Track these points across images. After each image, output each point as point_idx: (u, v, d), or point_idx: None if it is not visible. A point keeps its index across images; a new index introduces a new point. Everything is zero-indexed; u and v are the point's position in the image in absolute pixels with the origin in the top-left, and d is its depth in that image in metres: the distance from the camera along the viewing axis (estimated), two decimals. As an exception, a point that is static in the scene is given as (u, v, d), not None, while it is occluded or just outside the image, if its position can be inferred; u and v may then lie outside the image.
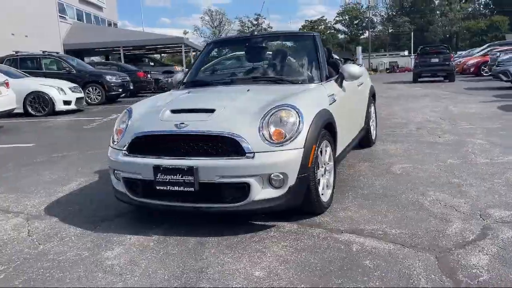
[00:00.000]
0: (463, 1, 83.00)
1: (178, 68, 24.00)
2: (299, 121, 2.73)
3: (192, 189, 2.67)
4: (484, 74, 18.69)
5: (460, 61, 21.77)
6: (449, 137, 5.50)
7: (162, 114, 2.96)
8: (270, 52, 3.80)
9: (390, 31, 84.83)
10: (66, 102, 11.08)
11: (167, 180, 2.72)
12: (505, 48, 18.56)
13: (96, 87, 13.79)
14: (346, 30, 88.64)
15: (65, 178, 4.47)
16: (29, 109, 10.86)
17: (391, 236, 2.60)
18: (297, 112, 2.77)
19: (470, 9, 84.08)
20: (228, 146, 2.67)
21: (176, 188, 2.71)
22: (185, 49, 23.02)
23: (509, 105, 8.35)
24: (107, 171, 4.65)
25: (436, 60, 16.80)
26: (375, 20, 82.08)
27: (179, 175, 2.68)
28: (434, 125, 6.64)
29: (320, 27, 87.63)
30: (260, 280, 2.16)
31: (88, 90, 13.60)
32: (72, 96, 11.25)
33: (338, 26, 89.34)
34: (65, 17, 26.99)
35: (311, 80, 3.45)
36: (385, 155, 4.71)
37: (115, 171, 3.09)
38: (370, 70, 56.14)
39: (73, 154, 5.76)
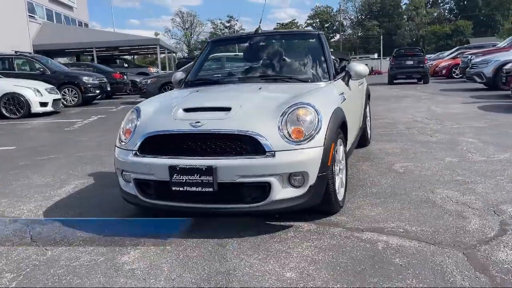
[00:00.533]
0: (429, 6, 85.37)
1: (152, 69, 23.64)
2: (318, 119, 2.69)
3: (211, 189, 2.59)
4: (456, 76, 19.24)
5: (432, 64, 22.33)
6: (440, 136, 5.58)
7: (175, 113, 2.86)
8: (275, 51, 3.75)
9: (359, 34, 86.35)
10: (43, 104, 10.70)
11: (184, 180, 2.63)
12: (474, 51, 19.12)
13: (73, 88, 13.39)
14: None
15: (58, 182, 4.29)
16: (3, 111, 10.42)
17: (413, 233, 2.59)
18: (315, 110, 2.73)
19: (435, 14, 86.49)
20: (248, 145, 2.60)
21: (193, 188, 2.62)
22: (160, 50, 22.68)
23: (488, 105, 8.58)
24: (101, 173, 4.56)
25: (411, 62, 17.17)
26: (345, 24, 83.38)
27: (197, 175, 2.60)
28: (422, 124, 6.75)
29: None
30: (293, 281, 2.10)
31: (64, 92, 13.18)
32: (49, 98, 10.88)
33: (310, 29, 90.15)
34: (34, 17, 26.19)
35: (320, 78, 3.42)
36: (383, 154, 4.74)
37: (124, 172, 2.97)
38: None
39: (60, 157, 5.55)
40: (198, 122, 2.70)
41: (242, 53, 4.13)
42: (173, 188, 2.67)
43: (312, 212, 2.90)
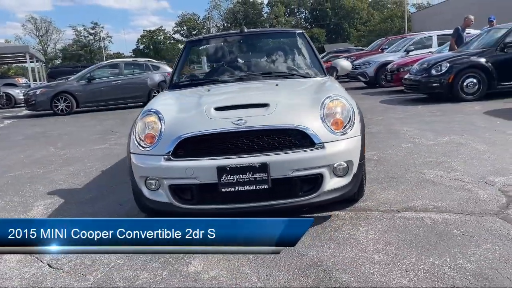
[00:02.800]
0: (287, 15, 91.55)
1: (20, 80, 21.25)
2: (352, 109, 2.83)
3: (265, 186, 2.55)
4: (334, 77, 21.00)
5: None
6: (375, 128, 6.12)
7: (208, 112, 2.74)
8: (268, 48, 3.78)
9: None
10: None
11: (235, 180, 2.54)
12: (346, 54, 21.07)
13: None
14: (186, 40, 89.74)
15: (19, 205, 3.72)
16: None
17: (443, 208, 2.87)
18: (347, 101, 2.86)
19: (293, 22, 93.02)
20: (296, 138, 2.62)
21: (246, 187, 2.55)
22: (30, 59, 20.49)
23: (388, 99, 9.60)
24: (61, 190, 4.05)
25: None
26: (212, 31, 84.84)
27: (250, 173, 2.53)
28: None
29: (159, 37, 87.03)
30: (388, 262, 2.20)
31: None
32: None
33: (177, 36, 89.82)
34: None
35: (318, 74, 3.56)
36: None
37: (149, 180, 2.74)
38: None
39: (-12, 178, 4.78)
40: (241, 119, 2.62)
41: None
42: (223, 190, 2.56)
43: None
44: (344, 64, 3.73)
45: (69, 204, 3.65)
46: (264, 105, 2.75)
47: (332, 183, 2.67)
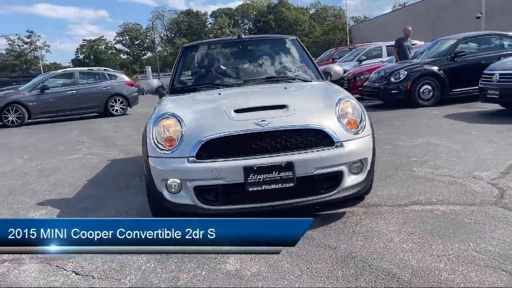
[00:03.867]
0: (232, 26, 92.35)
1: None
2: (362, 110, 3.00)
3: (291, 184, 2.64)
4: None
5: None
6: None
7: (229, 114, 2.79)
8: (266, 54, 3.89)
9: (171, 51, 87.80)
10: None
11: (261, 179, 2.61)
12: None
13: None
14: (128, 50, 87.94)
15: (12, 217, 3.55)
16: None
17: (446, 200, 3.10)
18: (357, 102, 3.03)
19: (237, 33, 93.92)
20: (317, 138, 2.74)
21: (272, 186, 2.63)
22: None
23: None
24: (52, 201, 3.89)
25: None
26: (156, 41, 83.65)
27: (276, 172, 2.62)
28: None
29: (100, 46, 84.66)
30: (417, 250, 2.36)
31: None
32: None
33: (119, 46, 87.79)
34: None
35: (316, 78, 3.71)
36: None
37: (170, 183, 2.75)
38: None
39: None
40: (264, 120, 2.71)
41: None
42: (250, 189, 2.62)
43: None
44: (337, 69, 3.91)
45: (67, 214, 3.53)
46: (282, 106, 2.85)
47: (350, 180, 2.81)
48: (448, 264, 2.16)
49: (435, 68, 8.76)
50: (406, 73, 8.74)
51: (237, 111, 2.83)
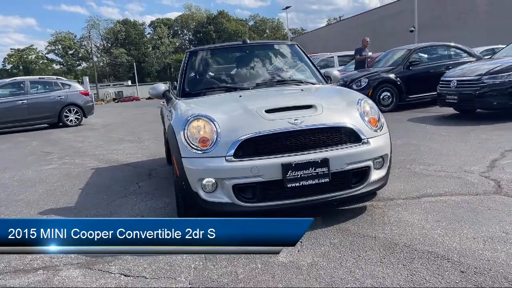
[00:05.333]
0: (171, 36, 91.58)
1: None
2: (378, 110, 3.21)
3: (327, 179, 2.77)
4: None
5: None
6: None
7: (261, 114, 2.88)
8: (268, 58, 4.01)
9: (107, 61, 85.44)
10: None
11: (299, 176, 2.73)
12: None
13: None
14: (61, 60, 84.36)
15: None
16: None
17: (452, 192, 3.37)
18: (373, 103, 3.23)
19: (177, 44, 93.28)
20: (346, 135, 2.90)
21: (309, 182, 2.75)
22: None
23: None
24: (53, 210, 3.77)
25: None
26: (93, 51, 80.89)
27: (312, 168, 2.74)
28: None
29: (30, 56, 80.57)
30: (452, 234, 2.57)
31: None
32: None
33: (52, 56, 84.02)
34: None
35: (322, 81, 3.89)
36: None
37: (206, 182, 2.78)
38: (99, 100, 55.36)
39: None
40: (297, 119, 2.83)
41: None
42: (288, 185, 2.72)
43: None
44: (336, 73, 4.12)
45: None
46: (310, 106, 2.99)
47: (375, 174, 2.99)
48: (487, 244, 2.38)
49: (393, 76, 9.33)
50: (367, 80, 9.23)
51: (268, 111, 2.92)
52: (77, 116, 11.96)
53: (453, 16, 29.44)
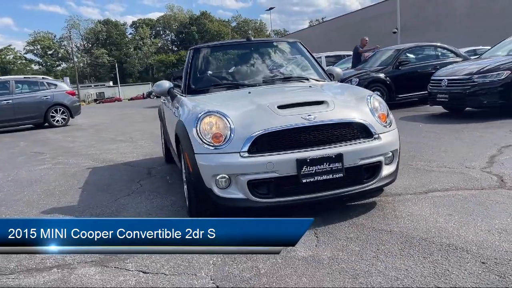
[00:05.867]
0: (153, 37, 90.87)
1: None
2: (387, 105, 3.24)
3: (341, 174, 2.79)
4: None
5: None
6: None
7: (274, 110, 2.88)
8: (272, 55, 4.02)
9: (88, 62, 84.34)
10: None
11: (314, 171, 2.74)
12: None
13: None
14: (41, 60, 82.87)
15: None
16: None
17: (459, 186, 3.42)
18: (381, 99, 3.27)
19: (160, 44, 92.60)
20: (358, 130, 2.92)
21: (324, 177, 2.76)
22: None
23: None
24: (59, 209, 3.75)
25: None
26: (74, 51, 79.69)
27: (327, 163, 2.76)
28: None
29: (8, 56, 78.89)
30: (466, 226, 2.61)
31: None
32: None
33: (30, 56, 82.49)
34: None
35: (326, 78, 3.91)
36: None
37: (220, 178, 2.78)
38: (80, 101, 54.63)
39: None
40: (310, 115, 2.84)
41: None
42: (303, 181, 2.73)
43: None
44: (338, 71, 4.15)
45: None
46: (321, 102, 3.00)
47: (385, 170, 3.02)
48: (503, 236, 2.43)
49: (382, 76, 9.45)
50: (357, 80, 9.32)
51: (280, 107, 2.93)
52: (63, 117, 11.76)
53: (433, 18, 29.99)
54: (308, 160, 2.71)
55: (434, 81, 7.77)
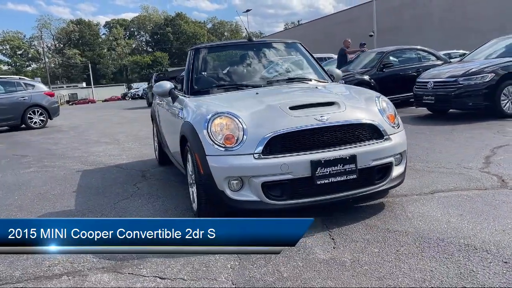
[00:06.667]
0: (127, 37, 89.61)
1: None
2: (394, 107, 3.25)
3: (354, 176, 2.77)
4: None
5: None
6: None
7: (287, 111, 2.85)
8: (274, 56, 3.98)
9: (60, 62, 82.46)
10: None
11: (328, 172, 2.72)
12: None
13: None
14: (10, 60, 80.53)
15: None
16: None
17: (461, 187, 3.46)
18: (388, 100, 3.28)
19: (134, 45, 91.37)
20: (370, 132, 2.91)
21: (338, 178, 2.74)
22: None
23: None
24: (56, 214, 3.60)
25: (173, 85, 18.23)
26: (45, 51, 77.71)
27: (340, 165, 2.74)
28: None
29: (-25, 56, 76.54)
30: (480, 226, 2.64)
31: None
32: None
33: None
34: None
35: (328, 79, 3.90)
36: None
37: (232, 181, 2.72)
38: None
39: None
40: (323, 116, 2.82)
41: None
42: (318, 182, 2.70)
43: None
44: (338, 72, 4.16)
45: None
46: (332, 103, 2.99)
47: (395, 171, 3.03)
48: (518, 236, 2.47)
49: (367, 78, 9.55)
50: (343, 81, 9.35)
51: (292, 108, 2.89)
52: (42, 118, 11.43)
53: (410, 21, 30.62)
54: (322, 161, 2.69)
55: (419, 83, 7.89)
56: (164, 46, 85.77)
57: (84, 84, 74.11)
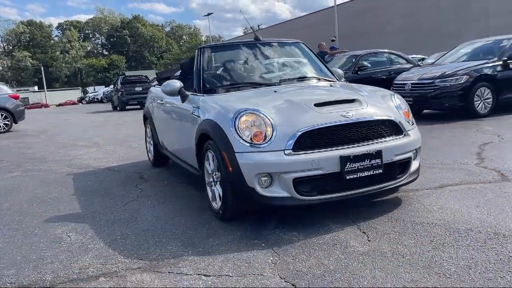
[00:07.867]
0: (82, 40, 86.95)
1: None
2: (407, 104, 3.36)
3: (380, 170, 2.85)
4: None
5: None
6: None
7: (312, 108, 2.89)
8: (282, 55, 4.02)
9: (9, 65, 78.81)
10: None
11: (356, 167, 2.78)
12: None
13: None
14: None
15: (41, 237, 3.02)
16: None
17: (466, 181, 3.61)
18: (401, 97, 3.38)
19: (89, 48, 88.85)
20: (391, 128, 3.00)
21: (365, 173, 2.81)
22: None
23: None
24: (62, 217, 3.50)
25: (140, 88, 17.85)
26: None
27: (368, 160, 2.81)
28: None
29: None
30: (500, 215, 2.77)
31: None
32: None
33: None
34: None
35: (334, 78, 3.97)
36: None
37: (263, 178, 2.73)
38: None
39: None
40: (348, 112, 2.88)
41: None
42: (347, 177, 2.75)
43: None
44: (340, 72, 4.25)
45: (104, 226, 3.14)
46: (353, 100, 3.05)
47: (413, 166, 3.13)
48: (539, 223, 2.61)
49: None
50: (346, 80, 9.55)
51: (317, 104, 2.93)
52: (6, 122, 10.90)
53: (371, 27, 31.55)
54: (351, 157, 2.74)
55: (397, 85, 8.16)
56: (121, 49, 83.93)
57: (36, 88, 71.24)
